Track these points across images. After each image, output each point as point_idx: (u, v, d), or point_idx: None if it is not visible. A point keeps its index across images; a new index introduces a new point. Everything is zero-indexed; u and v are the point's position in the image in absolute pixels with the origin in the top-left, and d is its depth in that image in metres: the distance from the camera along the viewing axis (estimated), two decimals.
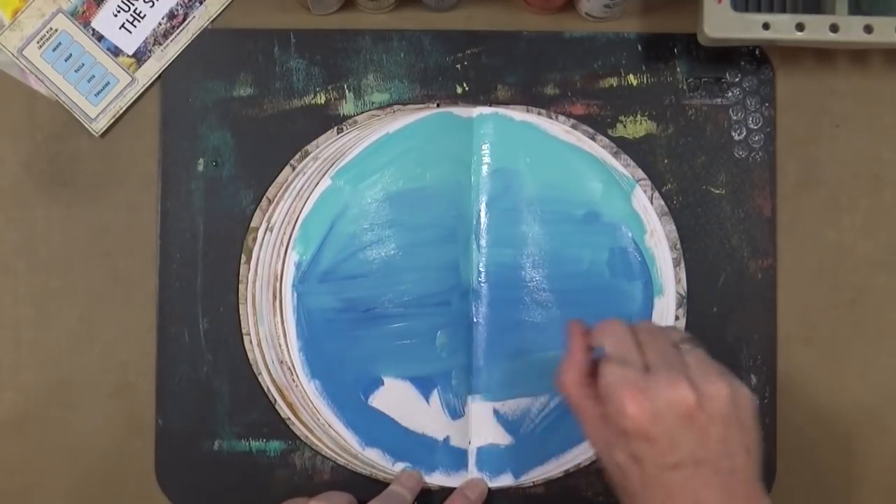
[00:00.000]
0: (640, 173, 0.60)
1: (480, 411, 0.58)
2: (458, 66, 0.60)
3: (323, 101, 0.60)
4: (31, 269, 0.59)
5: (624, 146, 0.60)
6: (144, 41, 0.59)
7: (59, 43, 0.59)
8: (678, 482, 0.44)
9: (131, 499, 0.59)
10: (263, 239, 0.59)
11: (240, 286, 0.59)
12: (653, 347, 0.47)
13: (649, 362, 0.46)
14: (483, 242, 0.59)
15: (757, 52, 0.61)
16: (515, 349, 0.58)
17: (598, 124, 0.60)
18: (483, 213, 0.59)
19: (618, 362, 0.46)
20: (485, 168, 0.59)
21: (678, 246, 0.60)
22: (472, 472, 0.58)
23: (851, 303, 0.61)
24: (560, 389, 0.49)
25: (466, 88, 0.60)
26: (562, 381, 0.49)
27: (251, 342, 0.59)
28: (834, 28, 0.56)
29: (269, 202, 0.59)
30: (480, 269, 0.58)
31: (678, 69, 0.60)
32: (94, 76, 0.59)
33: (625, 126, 0.60)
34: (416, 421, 0.58)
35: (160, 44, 0.60)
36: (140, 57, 0.59)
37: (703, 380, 0.46)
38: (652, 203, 0.59)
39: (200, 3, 0.60)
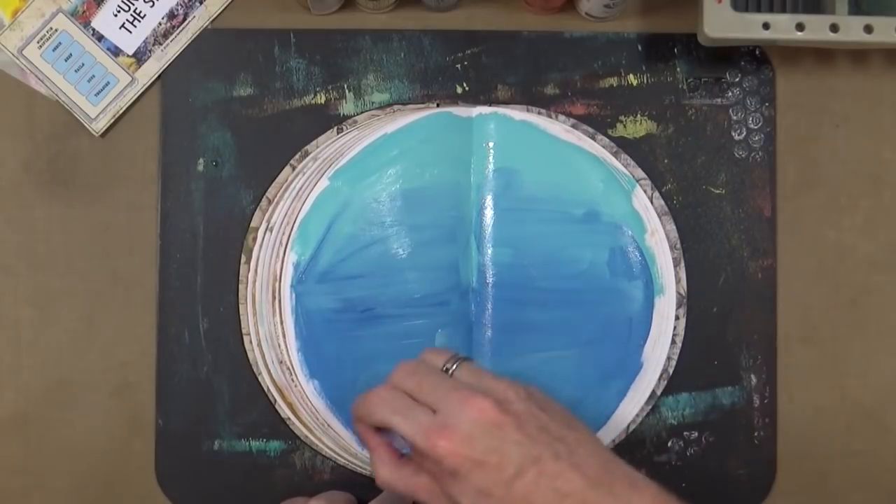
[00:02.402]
0: (641, 173, 0.60)
1: None
2: (458, 66, 0.60)
3: (323, 101, 0.60)
4: (31, 269, 0.59)
5: (624, 146, 0.60)
6: (144, 41, 0.59)
7: (59, 43, 0.59)
8: (530, 486, 0.43)
9: (131, 499, 0.59)
10: (263, 239, 0.59)
11: (240, 286, 0.59)
12: (424, 388, 0.47)
13: (430, 402, 0.46)
14: (483, 242, 0.59)
15: (757, 52, 0.61)
16: (515, 349, 0.58)
17: (598, 124, 0.60)
18: (483, 213, 0.59)
19: (405, 422, 0.46)
20: (485, 168, 0.59)
21: (678, 246, 0.60)
22: None
23: (851, 303, 0.61)
24: (384, 488, 0.49)
25: (466, 88, 0.60)
26: (380, 481, 0.48)
27: (251, 342, 0.59)
28: (834, 28, 0.56)
29: (269, 202, 0.59)
30: (480, 269, 0.58)
31: (678, 69, 0.60)
32: (94, 76, 0.59)
33: (625, 126, 0.60)
34: None
35: (160, 44, 0.60)
36: (140, 57, 0.59)
37: (488, 387, 0.46)
38: (652, 203, 0.59)
39: (200, 3, 0.60)
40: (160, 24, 0.60)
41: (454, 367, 0.49)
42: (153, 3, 0.59)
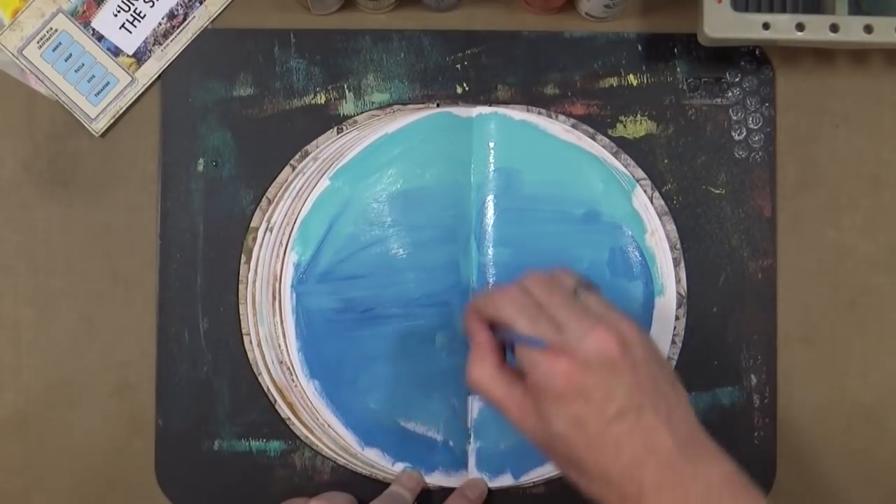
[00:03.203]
0: (641, 173, 0.60)
1: (480, 411, 0.58)
2: (458, 66, 0.60)
3: (323, 101, 0.60)
4: (31, 269, 0.59)
5: (624, 146, 0.60)
6: (144, 41, 0.59)
7: (59, 43, 0.59)
8: (624, 432, 0.43)
9: (131, 499, 0.59)
10: (263, 239, 0.59)
11: (240, 286, 0.59)
12: (554, 303, 0.46)
13: (556, 319, 0.45)
14: (483, 242, 0.59)
15: (757, 52, 0.61)
16: None
17: (598, 124, 0.60)
18: (483, 213, 0.59)
19: (531, 327, 0.45)
20: (485, 168, 0.59)
21: (678, 246, 0.60)
22: (472, 472, 0.58)
23: (851, 303, 0.61)
24: (473, 388, 0.48)
25: (466, 88, 0.60)
26: (473, 380, 0.47)
27: (251, 342, 0.59)
28: (834, 28, 0.56)
29: (269, 202, 0.59)
30: (480, 268, 0.58)
31: (678, 69, 0.60)
32: (94, 76, 0.59)
33: (625, 126, 0.60)
34: (415, 421, 0.58)
35: (160, 44, 0.60)
36: (140, 57, 0.59)
37: (615, 322, 0.45)
38: (652, 203, 0.59)
39: (200, 3, 0.60)
40: (160, 24, 0.60)
41: (584, 292, 0.47)
42: (153, 3, 0.59)
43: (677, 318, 0.59)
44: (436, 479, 0.58)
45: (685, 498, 0.43)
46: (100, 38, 0.59)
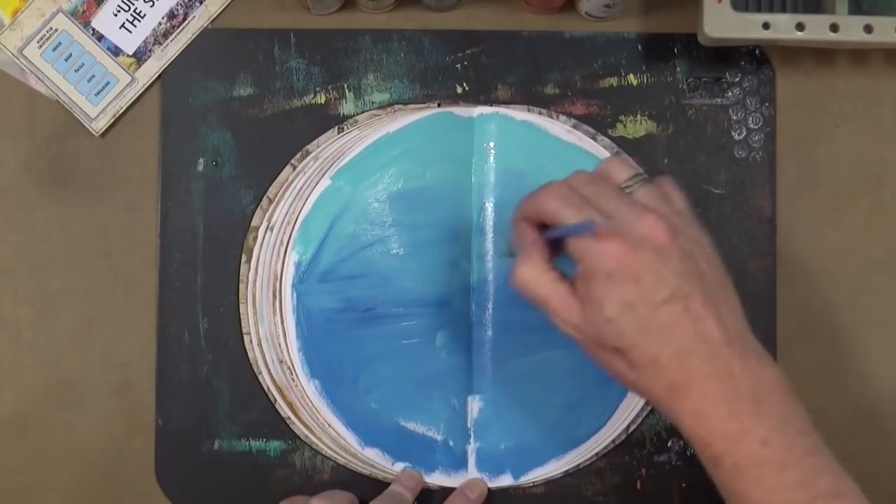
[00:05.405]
0: None
1: (480, 411, 0.58)
2: (458, 66, 0.60)
3: (323, 101, 0.60)
4: (31, 269, 0.59)
5: (624, 146, 0.60)
6: (144, 41, 0.59)
7: (59, 43, 0.59)
8: (673, 317, 0.43)
9: (131, 499, 0.59)
10: (264, 238, 0.59)
11: (240, 286, 0.59)
12: (601, 196, 0.46)
13: (604, 210, 0.45)
14: (484, 242, 0.58)
15: (757, 52, 0.61)
16: (515, 349, 0.58)
17: (598, 124, 0.60)
18: (484, 213, 0.59)
19: (577, 216, 0.45)
20: (486, 168, 0.59)
21: None
22: (472, 472, 0.58)
23: (851, 303, 0.61)
24: (519, 288, 0.47)
25: (467, 88, 0.60)
26: (520, 279, 0.47)
27: (251, 342, 0.59)
28: (834, 28, 0.56)
29: (270, 201, 0.59)
30: (481, 269, 0.58)
31: (678, 69, 0.60)
32: (94, 76, 0.59)
33: (625, 126, 0.60)
34: (416, 421, 0.58)
35: (160, 44, 0.60)
36: (140, 57, 0.59)
37: (666, 213, 0.45)
38: None
39: (200, 2, 0.60)
40: (160, 23, 0.60)
41: (635, 185, 0.47)
42: (153, 2, 0.59)
43: None
44: (436, 479, 0.58)
45: (734, 390, 0.43)
46: (100, 37, 0.59)
